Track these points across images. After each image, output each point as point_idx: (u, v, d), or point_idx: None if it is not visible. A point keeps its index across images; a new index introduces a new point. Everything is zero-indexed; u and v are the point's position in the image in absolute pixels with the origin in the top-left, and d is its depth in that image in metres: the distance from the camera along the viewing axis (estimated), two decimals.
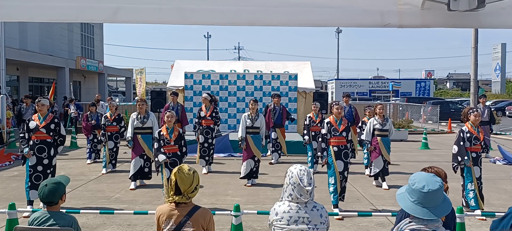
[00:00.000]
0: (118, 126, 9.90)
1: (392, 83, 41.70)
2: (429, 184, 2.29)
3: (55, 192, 3.19)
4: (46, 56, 26.19)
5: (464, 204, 6.70)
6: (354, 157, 10.21)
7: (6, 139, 14.12)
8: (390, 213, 6.05)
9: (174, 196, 2.94)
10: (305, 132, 10.14)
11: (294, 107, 14.49)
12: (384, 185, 8.49)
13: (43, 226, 3.14)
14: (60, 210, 3.30)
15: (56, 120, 6.77)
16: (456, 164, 6.73)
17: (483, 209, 6.63)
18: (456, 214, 4.47)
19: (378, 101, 33.57)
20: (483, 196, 6.74)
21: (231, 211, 5.28)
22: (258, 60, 27.66)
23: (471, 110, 6.93)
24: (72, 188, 8.07)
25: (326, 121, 7.05)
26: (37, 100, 6.93)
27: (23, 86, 25.97)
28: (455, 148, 6.74)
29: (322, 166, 7.13)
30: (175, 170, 2.95)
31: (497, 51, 50.90)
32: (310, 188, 2.87)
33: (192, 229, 2.92)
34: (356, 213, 6.15)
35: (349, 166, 7.10)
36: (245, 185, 8.57)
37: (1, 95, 14.35)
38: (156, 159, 7.03)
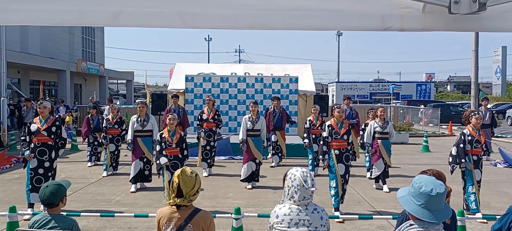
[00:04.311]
0: (119, 129, 9.90)
1: (393, 86, 41.68)
2: (436, 188, 2.29)
3: (56, 194, 3.19)
4: (47, 59, 26.23)
5: (465, 207, 6.69)
6: (355, 160, 10.21)
7: (6, 142, 14.14)
8: (391, 216, 6.03)
9: (176, 199, 2.93)
10: (305, 135, 10.15)
11: (294, 110, 14.49)
12: (385, 188, 8.48)
13: (44, 228, 3.14)
14: (61, 213, 3.30)
15: (57, 123, 6.78)
16: (454, 165, 6.73)
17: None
18: (457, 217, 4.47)
19: (379, 104, 33.57)
20: (479, 200, 6.74)
21: (231, 214, 5.27)
22: (259, 63, 27.66)
23: (472, 113, 6.93)
24: (72, 190, 8.07)
25: (327, 124, 7.04)
26: (39, 103, 6.94)
27: (24, 89, 25.99)
28: (454, 150, 6.74)
29: (323, 168, 7.13)
30: (178, 172, 2.95)
31: (497, 54, 50.97)
32: (313, 189, 2.88)
33: None
34: (357, 216, 6.13)
35: (350, 168, 7.11)
36: (246, 187, 8.57)
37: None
38: (158, 162, 7.03)
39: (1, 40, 15.80)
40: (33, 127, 6.60)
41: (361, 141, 9.52)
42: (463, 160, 6.65)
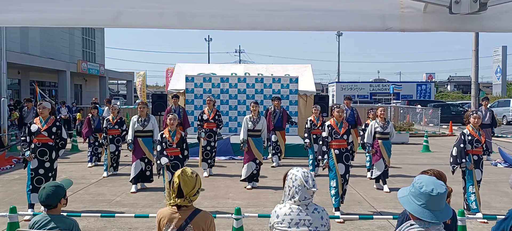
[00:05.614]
0: (119, 129, 9.90)
1: (393, 86, 41.68)
2: (437, 188, 2.28)
3: (53, 195, 3.18)
4: (47, 59, 26.23)
5: (465, 207, 6.69)
6: (352, 159, 10.22)
7: (6, 142, 14.14)
8: (391, 216, 6.04)
9: (176, 199, 2.93)
10: (306, 135, 10.14)
11: (295, 110, 14.49)
12: (385, 188, 8.48)
13: (44, 229, 3.14)
14: (61, 213, 3.30)
15: (57, 123, 6.78)
16: (454, 166, 6.73)
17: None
18: (458, 217, 4.47)
19: (379, 104, 33.58)
20: (479, 200, 6.74)
21: (232, 214, 5.27)
22: (259, 64, 27.68)
23: (472, 113, 6.94)
24: (73, 191, 8.07)
25: (327, 123, 7.04)
26: (39, 103, 6.95)
27: (24, 90, 26.00)
28: (455, 150, 6.74)
29: (323, 169, 7.13)
30: (178, 172, 2.95)
31: (498, 53, 50.91)
32: (315, 189, 2.88)
33: None
34: (357, 216, 6.14)
35: (350, 168, 7.11)
36: (246, 187, 8.57)
37: (3, 98, 14.40)
38: (158, 162, 7.03)
39: (1, 41, 15.80)
40: (34, 127, 6.60)
41: (361, 141, 9.52)
42: (463, 160, 6.64)
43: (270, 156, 11.73)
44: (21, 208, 6.36)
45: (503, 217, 3.28)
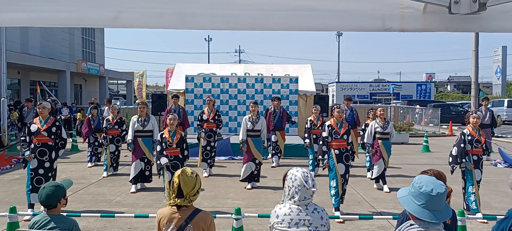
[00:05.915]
0: (119, 129, 9.89)
1: (393, 86, 41.69)
2: (437, 188, 2.29)
3: (52, 195, 3.19)
4: (47, 59, 26.24)
5: (465, 207, 6.69)
6: (353, 159, 10.23)
7: (6, 142, 14.14)
8: (391, 216, 6.04)
9: (176, 199, 2.93)
10: (306, 135, 10.14)
11: (295, 110, 14.49)
12: (385, 188, 8.48)
13: (44, 229, 3.14)
14: (61, 213, 3.30)
15: (57, 123, 6.78)
16: (454, 165, 6.73)
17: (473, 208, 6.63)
18: (458, 217, 4.47)
19: (379, 104, 33.59)
20: (479, 200, 6.74)
21: (232, 214, 5.27)
22: (259, 64, 27.71)
23: (471, 113, 6.96)
24: (73, 191, 8.07)
25: (327, 124, 7.04)
26: (38, 103, 6.95)
27: (24, 90, 26.01)
28: (455, 150, 6.74)
29: (323, 169, 7.13)
30: (178, 172, 2.95)
31: (497, 54, 50.90)
32: (314, 189, 2.88)
33: None
34: (357, 216, 6.14)
35: (350, 168, 7.11)
36: (246, 187, 8.57)
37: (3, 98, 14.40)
38: (158, 162, 7.03)
39: (1, 41, 15.81)
40: (33, 127, 6.60)
41: (361, 141, 9.52)
42: (463, 160, 6.64)
43: (270, 156, 11.73)
44: (21, 208, 6.37)
45: (503, 217, 3.29)
